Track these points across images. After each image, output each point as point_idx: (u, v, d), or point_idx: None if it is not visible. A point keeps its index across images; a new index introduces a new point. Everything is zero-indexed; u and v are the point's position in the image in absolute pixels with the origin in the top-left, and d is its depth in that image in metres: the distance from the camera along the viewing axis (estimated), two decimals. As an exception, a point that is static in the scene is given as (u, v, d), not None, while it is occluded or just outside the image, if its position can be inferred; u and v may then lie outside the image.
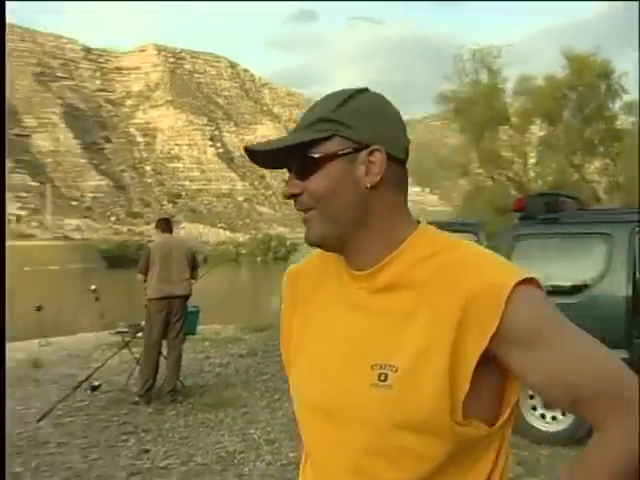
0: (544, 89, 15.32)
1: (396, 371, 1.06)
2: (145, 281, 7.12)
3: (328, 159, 1.10)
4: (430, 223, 1.18)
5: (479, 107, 14.93)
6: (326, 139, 1.11)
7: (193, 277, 7.36)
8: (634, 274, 5.19)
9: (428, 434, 1.05)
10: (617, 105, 15.94)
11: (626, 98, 16.27)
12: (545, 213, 5.69)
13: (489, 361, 1.06)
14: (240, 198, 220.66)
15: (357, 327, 1.13)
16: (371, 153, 1.10)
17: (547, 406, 5.52)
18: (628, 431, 1.04)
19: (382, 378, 1.07)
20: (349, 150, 1.10)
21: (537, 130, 16.62)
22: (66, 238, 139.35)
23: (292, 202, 1.18)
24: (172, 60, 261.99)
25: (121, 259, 65.95)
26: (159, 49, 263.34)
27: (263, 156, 1.15)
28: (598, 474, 1.05)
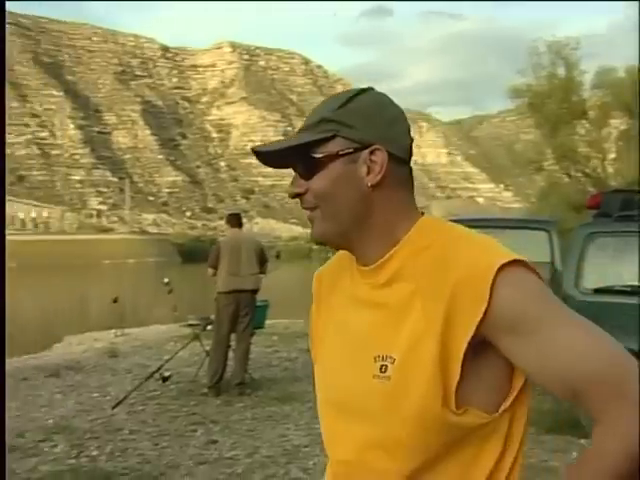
0: (625, 81, 14.75)
1: (394, 362, 1.08)
2: (215, 275, 7.26)
3: (330, 159, 1.13)
4: (502, 220, 1.17)
5: (555, 101, 14.46)
6: (328, 139, 1.13)
7: (262, 272, 7.45)
8: None
9: (423, 424, 1.06)
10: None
11: None
12: (621, 210, 5.49)
13: (485, 347, 1.06)
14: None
15: (363, 322, 1.15)
16: (372, 152, 1.12)
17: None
18: (627, 421, 0.97)
19: (383, 370, 1.09)
20: (350, 150, 1.13)
21: (617, 124, 16.00)
22: (143, 232, 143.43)
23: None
24: (246, 57, 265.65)
25: (195, 253, 67.37)
26: (234, 46, 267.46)
27: (269, 157, 1.19)
28: (594, 474, 1.00)
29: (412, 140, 1.19)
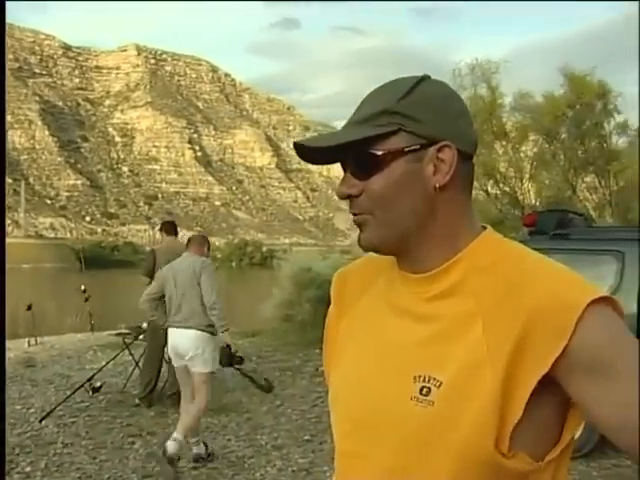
0: (544, 107, 15.73)
1: (440, 386, 0.95)
2: (150, 284, 7.08)
3: (392, 156, 0.99)
4: None
5: (478, 122, 15.17)
6: (390, 134, 0.99)
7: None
8: (645, 292, 5.28)
9: (467, 462, 0.94)
10: (611, 125, 16.46)
11: (619, 118, 16.92)
12: (556, 229, 5.78)
13: (548, 387, 0.94)
14: (217, 202, 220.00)
15: (404, 334, 1.02)
16: (440, 149, 0.99)
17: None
18: None
19: (424, 392, 0.96)
20: (416, 146, 0.99)
21: (533, 146, 16.99)
22: (40, 236, 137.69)
23: (273, 208, 1.06)
24: (153, 61, 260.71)
25: (96, 259, 65.25)
26: (140, 49, 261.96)
27: (315, 151, 1.04)
28: None
29: (477, 135, 1.09)
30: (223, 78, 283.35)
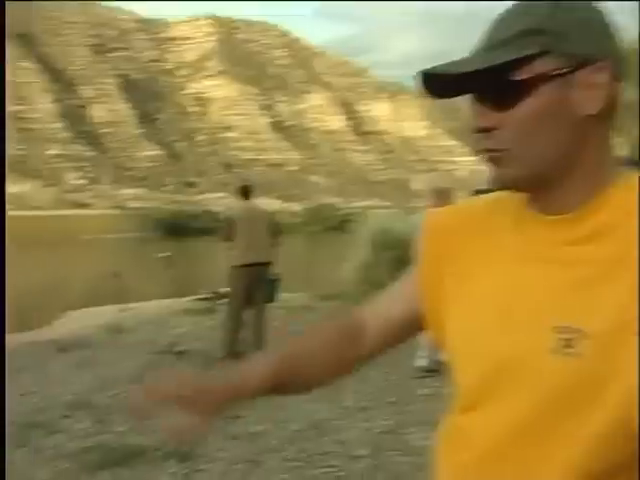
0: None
1: (587, 337, 0.85)
2: (230, 248, 7.14)
3: (538, 82, 0.86)
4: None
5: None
6: (535, 57, 0.86)
7: (275, 244, 7.36)
8: None
9: (617, 427, 0.83)
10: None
11: None
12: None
13: None
14: (292, 168, 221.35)
15: (539, 281, 0.91)
16: (595, 71, 0.87)
17: None
18: None
19: (567, 344, 0.86)
20: (567, 69, 0.86)
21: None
22: (122, 207, 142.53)
23: (348, 171, 0.90)
24: (225, 30, 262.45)
25: (177, 228, 66.89)
26: (212, 18, 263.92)
27: (443, 82, 0.91)
28: None
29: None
30: (295, 43, 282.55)
